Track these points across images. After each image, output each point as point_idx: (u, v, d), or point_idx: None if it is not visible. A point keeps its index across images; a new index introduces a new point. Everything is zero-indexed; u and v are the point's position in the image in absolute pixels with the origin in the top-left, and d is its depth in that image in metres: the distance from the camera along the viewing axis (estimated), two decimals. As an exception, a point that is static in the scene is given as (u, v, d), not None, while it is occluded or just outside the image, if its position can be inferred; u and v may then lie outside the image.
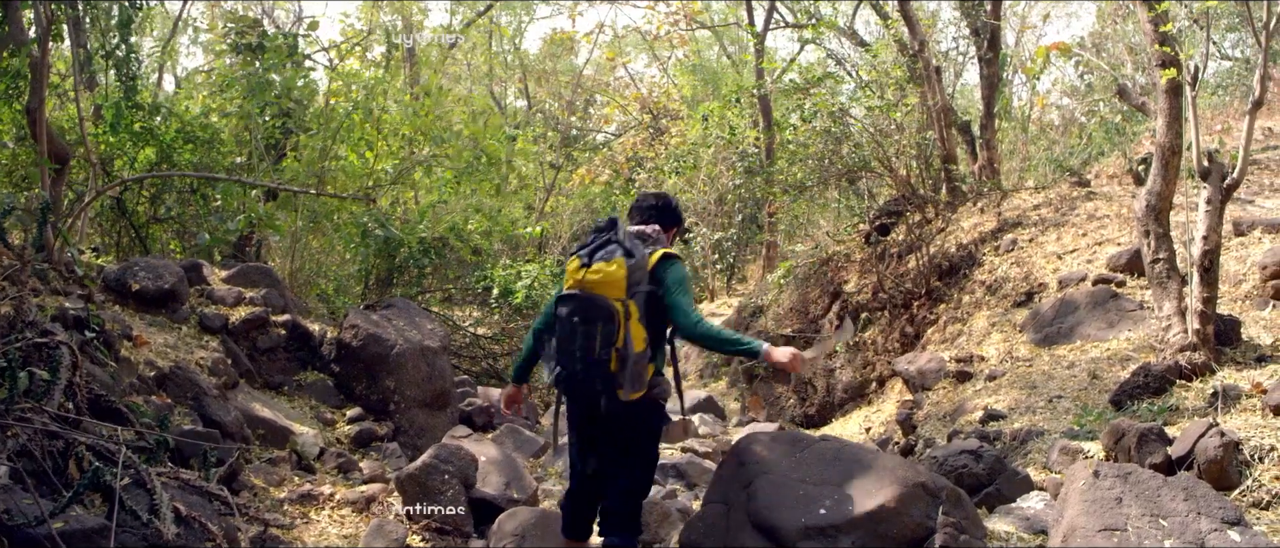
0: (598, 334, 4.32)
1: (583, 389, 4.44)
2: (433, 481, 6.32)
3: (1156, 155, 6.68)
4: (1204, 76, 7.54)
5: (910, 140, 11.71)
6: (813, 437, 4.89)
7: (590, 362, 4.33)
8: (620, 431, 4.65)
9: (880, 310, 11.53)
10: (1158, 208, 6.65)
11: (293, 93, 10.09)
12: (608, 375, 4.34)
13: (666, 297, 4.49)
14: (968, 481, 5.69)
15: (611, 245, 4.46)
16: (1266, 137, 11.50)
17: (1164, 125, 6.58)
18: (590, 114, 31.71)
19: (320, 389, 8.22)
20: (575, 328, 4.35)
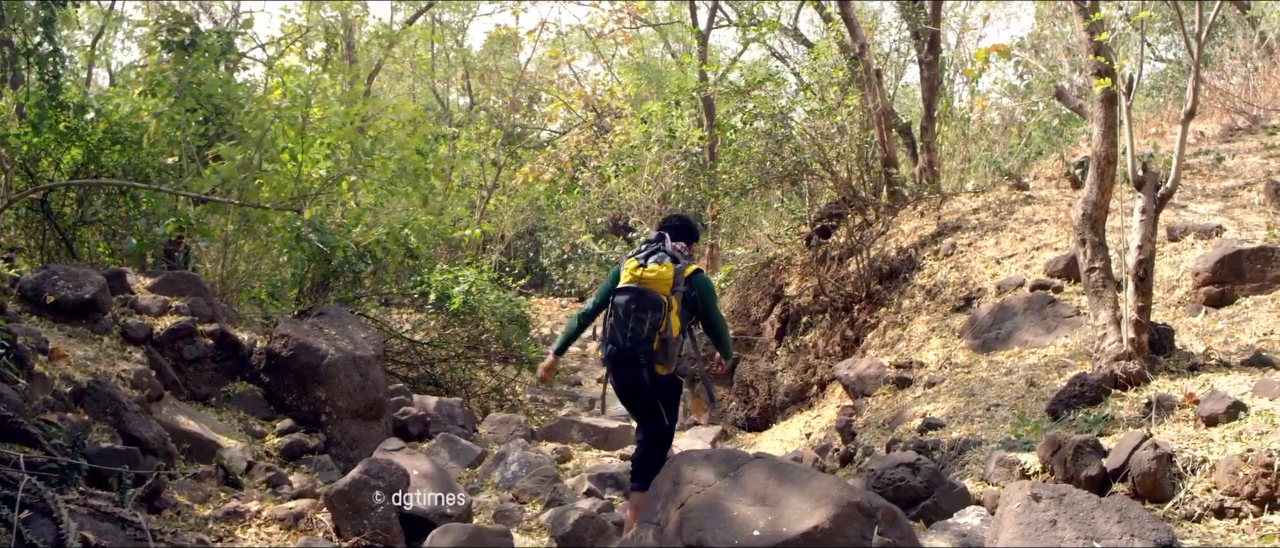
0: (647, 320, 5.54)
1: (628, 364, 5.61)
2: (362, 497, 6.16)
3: (1092, 164, 6.68)
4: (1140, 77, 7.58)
5: (851, 143, 11.68)
6: (747, 454, 4.81)
7: (639, 341, 5.54)
8: (653, 397, 5.75)
9: (821, 313, 11.51)
10: (1094, 216, 6.66)
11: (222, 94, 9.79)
12: (650, 352, 5.56)
13: (704, 300, 5.81)
14: (905, 494, 5.65)
15: (660, 253, 5.71)
16: (1199, 140, 11.63)
17: (1099, 134, 6.59)
18: (535, 111, 31.47)
19: (250, 400, 8.00)
20: (630, 314, 5.55)
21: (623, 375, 5.72)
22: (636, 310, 5.54)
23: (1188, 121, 6.25)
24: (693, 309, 5.81)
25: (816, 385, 10.94)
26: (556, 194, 23.85)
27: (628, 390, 5.85)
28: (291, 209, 8.32)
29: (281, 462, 7.57)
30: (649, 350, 5.55)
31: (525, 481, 7.83)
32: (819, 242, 12.40)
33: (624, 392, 5.89)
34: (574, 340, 6.27)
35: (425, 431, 9.02)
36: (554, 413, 11.61)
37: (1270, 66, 13.53)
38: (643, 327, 5.52)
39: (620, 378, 5.76)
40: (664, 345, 5.58)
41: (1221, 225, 8.46)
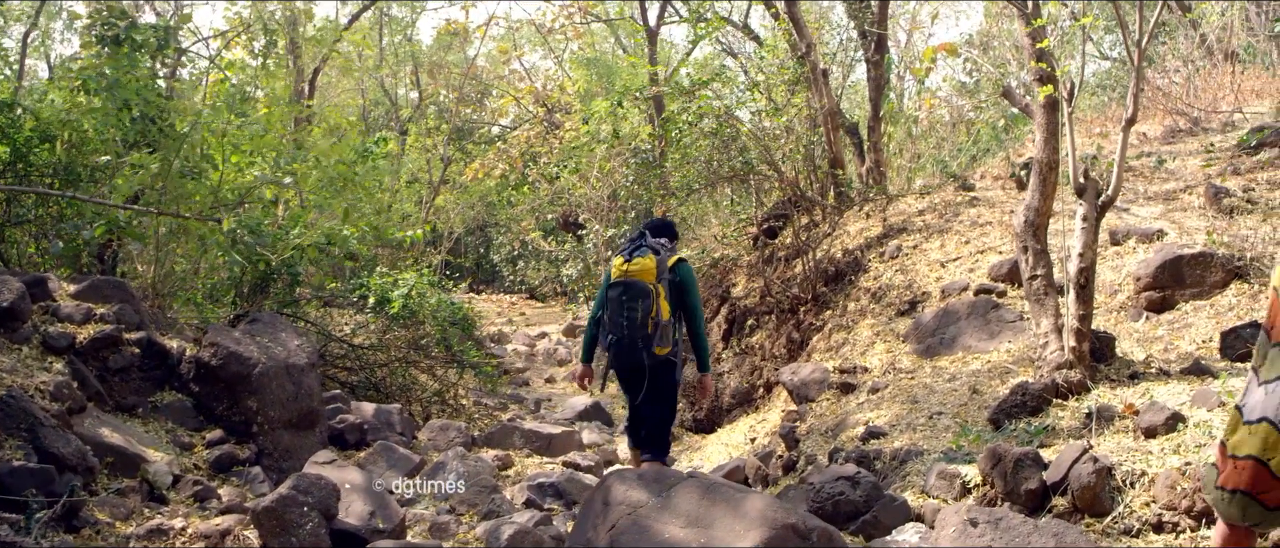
0: (639, 308, 6.16)
1: (628, 349, 6.20)
2: (290, 514, 5.96)
3: (1034, 170, 6.63)
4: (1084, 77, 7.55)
5: (797, 143, 11.60)
6: (680, 474, 4.69)
7: (635, 327, 6.16)
8: (652, 378, 6.30)
9: (767, 315, 11.43)
10: (1036, 223, 6.61)
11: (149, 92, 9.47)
12: (646, 336, 6.17)
13: (686, 287, 6.45)
14: (845, 508, 5.57)
15: (643, 247, 6.35)
16: (1141, 141, 11.67)
17: (1041, 140, 6.53)
18: (486, 105, 31.20)
19: (178, 411, 7.75)
20: (624, 305, 6.19)
21: (624, 360, 6.31)
22: (628, 301, 6.19)
23: (1129, 128, 6.21)
24: (679, 297, 6.45)
25: (763, 388, 10.86)
26: (506, 190, 23.60)
27: (630, 374, 6.44)
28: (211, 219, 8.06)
29: (211, 474, 7.34)
30: (645, 335, 6.18)
31: (463, 491, 7.67)
32: (766, 242, 12.32)
33: (627, 376, 6.52)
34: (595, 344, 6.80)
35: (362, 439, 8.81)
36: (498, 417, 11.44)
37: (1211, 68, 13.65)
38: (636, 314, 6.17)
39: (622, 363, 6.36)
40: (658, 328, 6.22)
41: (1163, 229, 8.46)
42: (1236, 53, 13.02)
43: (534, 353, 19.24)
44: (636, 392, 6.56)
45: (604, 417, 11.94)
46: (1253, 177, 8.99)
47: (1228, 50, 13.74)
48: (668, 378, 6.46)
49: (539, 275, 24.96)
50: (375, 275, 10.28)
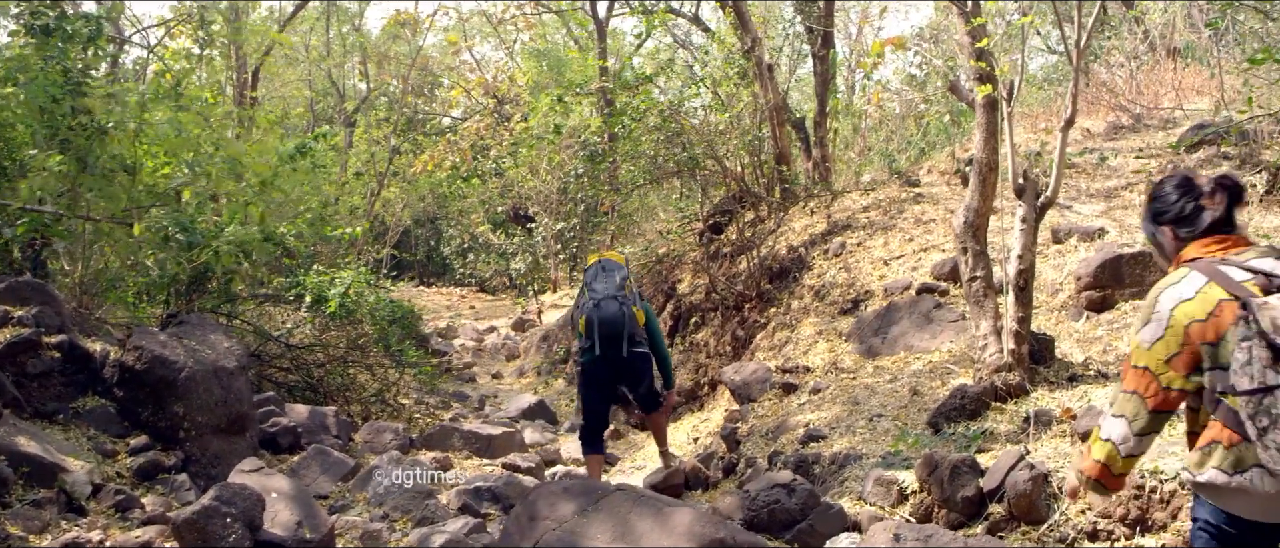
0: (624, 313, 7.16)
1: (613, 340, 7.08)
2: (212, 526, 5.75)
3: (974, 171, 6.57)
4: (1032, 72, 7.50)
5: (742, 139, 11.50)
6: (608, 486, 4.56)
7: (622, 318, 7.10)
8: (633, 370, 7.28)
9: (713, 311, 11.33)
10: (975, 224, 6.54)
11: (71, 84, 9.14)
12: (634, 329, 7.18)
13: (649, 316, 7.52)
14: (780, 516, 5.47)
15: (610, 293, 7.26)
16: (1085, 137, 11.70)
17: (981, 140, 6.47)
18: (437, 96, 30.87)
19: (101, 417, 7.48)
20: (606, 302, 7.18)
21: (609, 354, 7.11)
22: (612, 298, 7.15)
23: (1067, 129, 6.16)
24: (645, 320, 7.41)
25: (708, 386, 10.75)
26: (457, 182, 23.33)
27: (610, 373, 7.29)
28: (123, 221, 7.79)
29: (134, 483, 7.08)
30: (633, 328, 7.15)
31: (396, 497, 7.49)
32: (711, 238, 12.22)
33: (607, 376, 7.33)
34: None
35: (296, 442, 8.58)
36: (440, 417, 11.24)
37: (1153, 63, 13.72)
38: (621, 312, 7.09)
39: (605, 362, 7.16)
40: (638, 328, 7.23)
41: (1104, 227, 8.46)
42: (1178, 49, 13.09)
43: (482, 348, 19.03)
44: (609, 394, 7.50)
45: (548, 415, 11.78)
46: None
47: (1170, 47, 13.82)
48: (646, 367, 7.35)
49: (489, 269, 24.72)
50: (311, 274, 10.02)
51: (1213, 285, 2.74)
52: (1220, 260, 2.81)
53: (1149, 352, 2.81)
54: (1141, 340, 2.84)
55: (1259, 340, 2.56)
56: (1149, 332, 2.82)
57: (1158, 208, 3.05)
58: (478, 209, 23.91)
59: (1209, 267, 2.79)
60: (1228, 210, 2.91)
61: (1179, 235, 2.97)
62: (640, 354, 7.27)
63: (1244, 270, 2.75)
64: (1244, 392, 2.60)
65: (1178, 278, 2.83)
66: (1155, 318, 2.81)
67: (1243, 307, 2.62)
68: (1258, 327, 2.57)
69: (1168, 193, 3.04)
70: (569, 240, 21.05)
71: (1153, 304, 2.85)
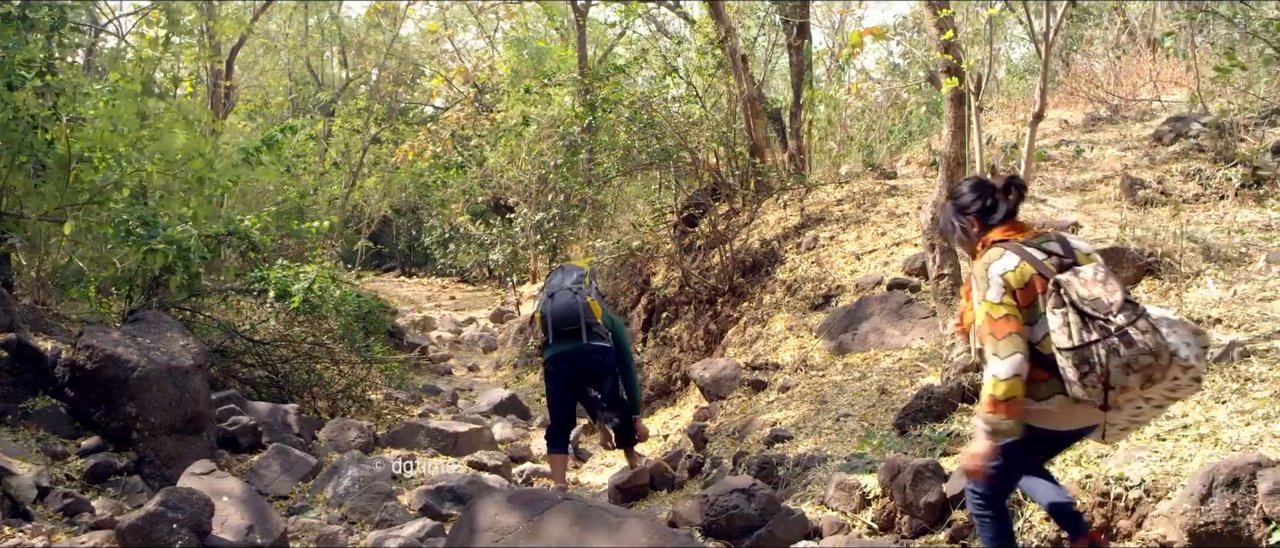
0: (578, 303, 7.11)
1: (572, 335, 7.07)
2: (158, 531, 5.59)
3: (941, 166, 6.42)
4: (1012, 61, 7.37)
5: (715, 130, 11.33)
6: (554, 496, 4.42)
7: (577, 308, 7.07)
8: (601, 367, 7.15)
9: (686, 305, 11.18)
10: (942, 221, 6.39)
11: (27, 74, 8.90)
12: (591, 321, 7.08)
13: (619, 335, 7.44)
14: (739, 522, 5.34)
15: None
16: (1063, 128, 11.57)
17: (948, 134, 6.32)
18: (420, 84, 30.58)
19: (52, 417, 7.29)
20: (564, 292, 7.21)
21: (569, 351, 7.09)
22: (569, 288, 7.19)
23: (1036, 123, 6.02)
24: (615, 336, 7.35)
25: (680, 381, 10.61)
26: (437, 171, 23.09)
27: (574, 371, 7.17)
28: (54, 220, 7.58)
29: (84, 485, 6.90)
30: (590, 320, 7.09)
31: (356, 498, 7.33)
32: (685, 231, 12.06)
33: (573, 376, 7.22)
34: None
35: (257, 441, 8.39)
36: (410, 412, 11.08)
37: (1135, 53, 13.60)
38: (577, 302, 7.08)
39: (568, 360, 7.12)
40: (595, 322, 7.12)
41: (1078, 222, 8.32)
42: (1157, 41, 12.97)
43: (459, 340, 18.86)
44: (574, 390, 7.36)
45: (520, 410, 11.63)
46: (1167, 168, 8.90)
47: (1150, 37, 13.70)
48: (609, 362, 7.20)
49: (470, 259, 24.50)
50: (275, 268, 9.82)
51: (1024, 264, 3.64)
52: (1022, 244, 3.72)
53: (1001, 304, 3.60)
54: (991, 299, 3.63)
55: (1072, 309, 3.50)
56: (993, 293, 3.63)
57: (962, 204, 3.98)
58: (459, 199, 23.66)
59: (1018, 248, 3.69)
60: (1016, 205, 3.90)
61: (983, 223, 3.89)
62: (601, 347, 7.13)
63: (1041, 252, 3.70)
64: (1065, 348, 3.49)
65: (998, 256, 3.70)
66: (992, 284, 3.65)
67: (1054, 284, 3.55)
68: (1069, 298, 3.51)
69: (966, 192, 4.00)
70: (548, 231, 20.84)
71: (986, 276, 3.68)
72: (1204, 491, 4.21)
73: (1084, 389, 3.47)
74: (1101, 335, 3.45)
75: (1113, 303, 3.51)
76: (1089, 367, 3.46)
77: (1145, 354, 3.44)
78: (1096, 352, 3.44)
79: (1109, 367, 3.43)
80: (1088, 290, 3.53)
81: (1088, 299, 3.49)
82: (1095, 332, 3.46)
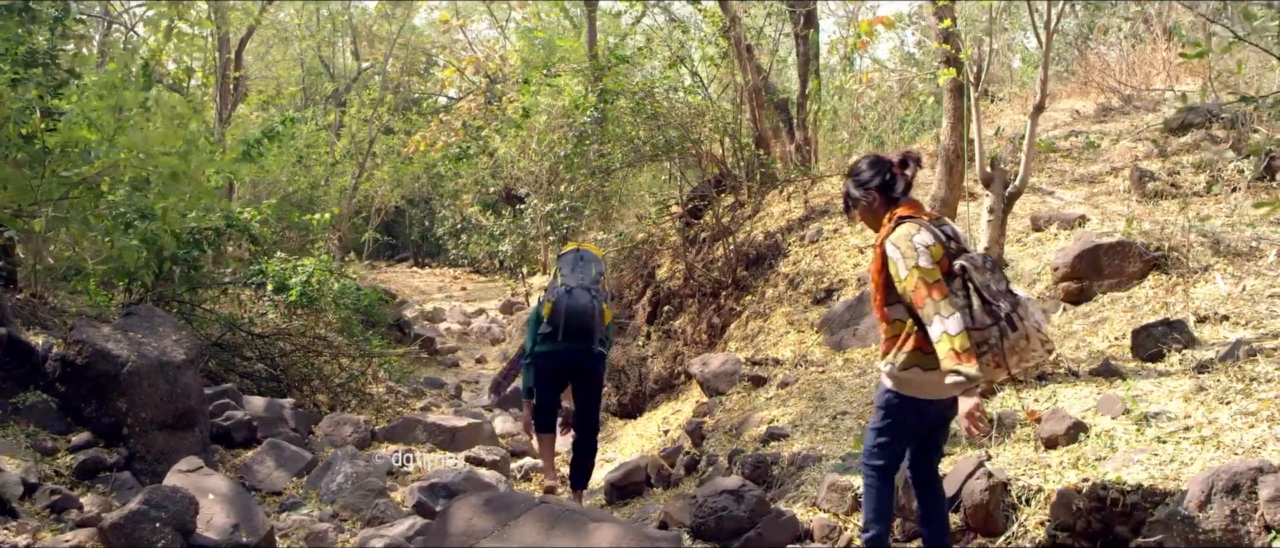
0: (594, 308, 6.82)
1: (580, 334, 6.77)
2: (140, 531, 5.50)
3: (940, 158, 6.27)
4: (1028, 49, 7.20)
5: (718, 121, 11.16)
6: (529, 500, 4.30)
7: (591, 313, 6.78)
8: (595, 377, 7.03)
9: (690, 298, 11.05)
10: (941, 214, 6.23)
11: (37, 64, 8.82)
12: (603, 329, 6.89)
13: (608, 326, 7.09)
14: (728, 525, 5.22)
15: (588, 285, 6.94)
16: (1074, 119, 11.37)
17: (948, 127, 6.17)
18: (433, 75, 30.51)
19: (42, 413, 7.22)
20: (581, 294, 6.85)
21: (573, 346, 6.79)
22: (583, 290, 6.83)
23: (1037, 115, 5.86)
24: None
25: (683, 375, 10.49)
26: (450, 162, 22.99)
27: (571, 367, 6.91)
28: (26, 214, 7.49)
29: (73, 482, 6.82)
30: (602, 326, 6.86)
31: (348, 495, 7.25)
32: (690, 223, 11.91)
33: (564, 370, 6.93)
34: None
35: (252, 436, 8.31)
36: (412, 406, 11.00)
37: (1151, 41, 13.35)
38: (592, 307, 6.77)
39: (568, 354, 6.83)
40: (606, 327, 6.93)
41: (1085, 215, 8.15)
42: (1171, 29, 12.72)
43: (468, 331, 18.78)
44: (560, 387, 7.08)
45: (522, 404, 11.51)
46: (1177, 159, 8.70)
47: (1165, 25, 13.45)
48: (602, 374, 7.12)
49: (481, 250, 24.42)
50: (273, 261, 9.74)
51: (937, 243, 3.91)
52: (926, 222, 3.98)
53: (932, 269, 3.84)
54: (924, 266, 3.84)
55: (975, 294, 3.81)
56: (924, 260, 3.85)
57: (862, 179, 4.19)
58: (470, 189, 23.56)
59: (928, 226, 3.96)
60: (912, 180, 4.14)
61: (885, 198, 4.12)
62: (601, 355, 6.96)
63: (942, 232, 3.97)
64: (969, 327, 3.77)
65: (915, 230, 3.94)
66: (918, 252, 3.87)
67: (960, 269, 3.88)
68: (973, 284, 3.83)
69: (865, 168, 4.21)
70: (559, 222, 20.70)
71: (912, 245, 3.89)
72: (1203, 497, 4.06)
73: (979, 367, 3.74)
74: (994, 320, 3.80)
75: (1000, 290, 3.87)
76: (986, 347, 3.78)
77: (1023, 339, 3.84)
78: (992, 334, 3.79)
79: (1001, 348, 3.79)
80: (982, 278, 3.86)
81: (983, 285, 3.83)
82: (989, 316, 3.79)
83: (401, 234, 30.43)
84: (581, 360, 6.89)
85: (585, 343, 6.82)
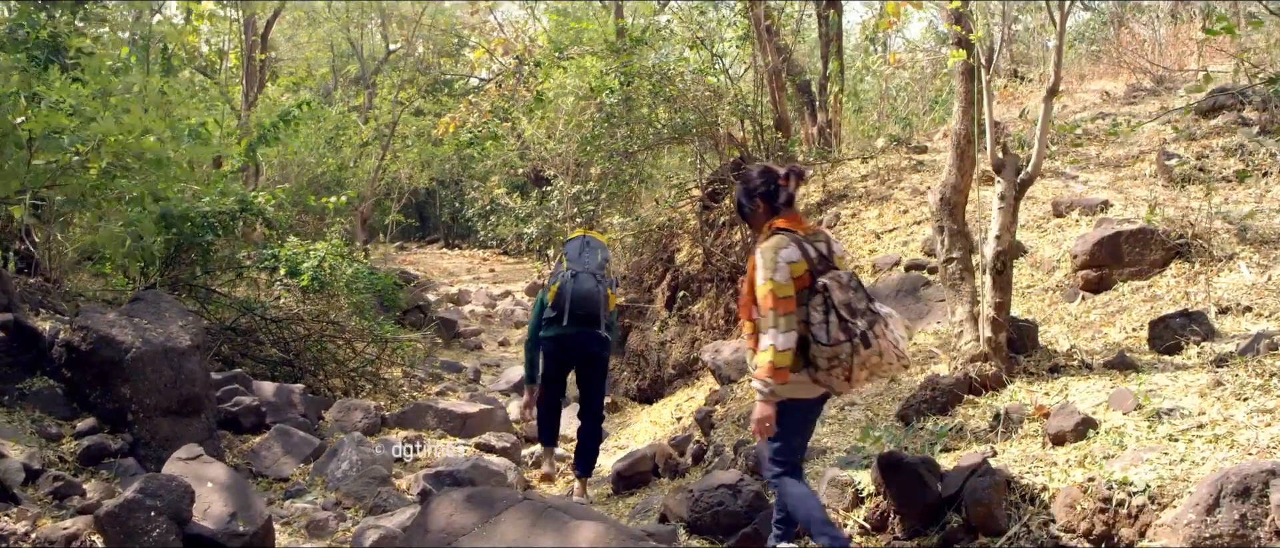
0: (598, 292, 6.87)
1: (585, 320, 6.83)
2: (135, 519, 5.45)
3: (951, 144, 6.08)
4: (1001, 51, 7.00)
5: (738, 104, 10.96)
6: (514, 495, 4.20)
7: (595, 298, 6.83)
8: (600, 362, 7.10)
9: (709, 283, 10.90)
10: (952, 201, 6.04)
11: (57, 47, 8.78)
12: (608, 314, 6.94)
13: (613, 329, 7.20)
14: (724, 520, 5.12)
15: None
16: (1104, 100, 11.08)
17: (959, 110, 5.98)
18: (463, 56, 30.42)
19: (48, 398, 7.20)
20: (586, 279, 6.88)
21: (578, 333, 6.88)
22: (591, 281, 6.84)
23: (1051, 98, 5.65)
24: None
25: (699, 361, 10.36)
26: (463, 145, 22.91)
27: (575, 353, 7.01)
28: (12, 203, 7.45)
29: (77, 468, 6.81)
30: (607, 312, 6.91)
31: (352, 482, 7.19)
32: (711, 205, 11.74)
33: (568, 356, 7.04)
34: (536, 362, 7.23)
35: (260, 422, 8.28)
36: (427, 391, 10.95)
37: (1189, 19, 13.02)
38: (597, 292, 6.81)
39: (573, 339, 6.91)
40: (609, 314, 6.95)
41: (1108, 200, 7.92)
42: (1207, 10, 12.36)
43: (492, 314, 18.75)
44: (566, 372, 7.18)
45: (540, 389, 11.43)
46: (1207, 142, 8.42)
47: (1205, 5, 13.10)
48: (607, 358, 7.19)
49: (510, 232, 24.37)
50: (287, 245, 9.69)
51: (803, 260, 4.24)
52: (800, 237, 4.31)
53: (786, 284, 4.17)
54: (777, 279, 4.17)
55: (833, 312, 4.14)
56: (781, 275, 4.18)
57: (750, 187, 4.53)
58: (499, 170, 23.51)
59: (800, 242, 4.29)
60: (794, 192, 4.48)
61: (769, 207, 4.45)
62: (605, 340, 7.03)
63: (813, 248, 4.30)
64: (822, 343, 4.14)
65: (784, 243, 4.26)
66: (779, 267, 4.19)
67: (823, 287, 4.19)
68: (831, 302, 4.16)
69: (755, 177, 4.56)
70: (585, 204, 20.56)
71: (774, 258, 4.21)
72: (1211, 500, 3.89)
73: (829, 376, 4.18)
74: (847, 337, 4.11)
75: (859, 309, 4.21)
76: (837, 362, 4.13)
77: (876, 355, 4.18)
78: (844, 350, 4.12)
79: (851, 364, 4.13)
80: (843, 296, 4.19)
81: (843, 304, 4.16)
82: (844, 333, 4.11)
83: (432, 215, 30.46)
84: (586, 344, 6.96)
85: (590, 327, 6.88)
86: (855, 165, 10.96)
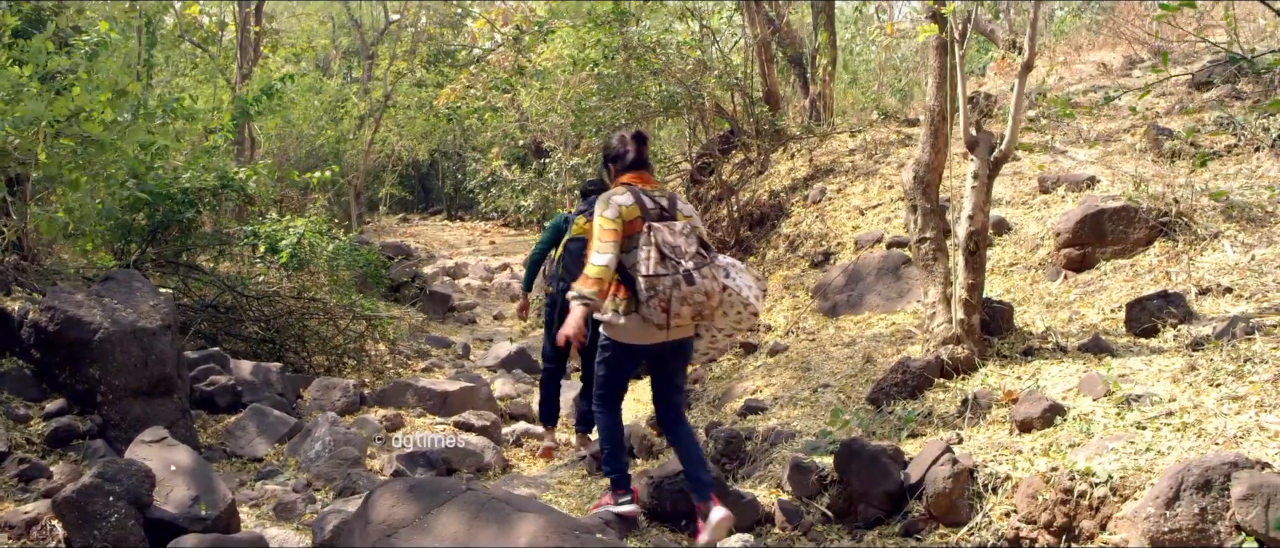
0: None
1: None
2: (93, 504, 5.38)
3: (925, 121, 5.92)
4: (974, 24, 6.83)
5: (725, 77, 10.80)
6: (457, 487, 4.09)
7: None
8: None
9: (697, 259, 10.76)
10: (926, 180, 5.90)
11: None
12: None
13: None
14: (684, 506, 5.02)
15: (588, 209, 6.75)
16: (1099, 72, 10.87)
17: (933, 86, 5.82)
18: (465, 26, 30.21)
19: (17, 379, 7.13)
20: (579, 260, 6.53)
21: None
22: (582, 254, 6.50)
23: (1025, 74, 5.50)
24: None
25: (688, 338, 10.26)
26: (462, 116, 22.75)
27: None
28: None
29: (45, 450, 6.75)
30: None
31: (324, 463, 7.11)
32: (698, 181, 11.60)
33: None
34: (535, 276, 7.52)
35: (236, 401, 8.17)
36: (413, 368, 10.85)
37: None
38: None
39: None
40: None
41: (1095, 176, 7.76)
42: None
43: (489, 287, 18.60)
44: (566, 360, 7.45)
45: (527, 364, 11.34)
46: (1200, 116, 8.22)
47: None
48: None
49: (510, 204, 24.26)
50: (266, 222, 9.58)
51: (634, 205, 4.71)
52: (639, 190, 4.78)
53: (613, 221, 4.64)
54: (608, 216, 4.66)
55: (654, 248, 4.53)
56: (610, 212, 4.67)
57: (607, 154, 5.13)
58: (500, 142, 23.36)
59: (635, 191, 4.77)
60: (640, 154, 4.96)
61: (616, 169, 5.00)
62: None
63: (651, 200, 4.76)
64: (643, 274, 4.52)
65: (620, 192, 4.77)
66: (610, 206, 4.69)
67: (648, 227, 4.59)
68: (654, 240, 4.55)
69: (614, 143, 5.10)
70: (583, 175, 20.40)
71: (607, 201, 4.73)
72: (1171, 493, 3.78)
73: (650, 309, 4.50)
74: (670, 272, 4.50)
75: (686, 252, 4.58)
76: (654, 292, 4.48)
77: (699, 294, 4.51)
78: (663, 283, 4.48)
79: (670, 296, 4.47)
80: (671, 238, 4.58)
81: (668, 244, 4.55)
82: (666, 269, 4.51)
83: (434, 187, 30.34)
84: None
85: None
86: (843, 139, 10.79)
